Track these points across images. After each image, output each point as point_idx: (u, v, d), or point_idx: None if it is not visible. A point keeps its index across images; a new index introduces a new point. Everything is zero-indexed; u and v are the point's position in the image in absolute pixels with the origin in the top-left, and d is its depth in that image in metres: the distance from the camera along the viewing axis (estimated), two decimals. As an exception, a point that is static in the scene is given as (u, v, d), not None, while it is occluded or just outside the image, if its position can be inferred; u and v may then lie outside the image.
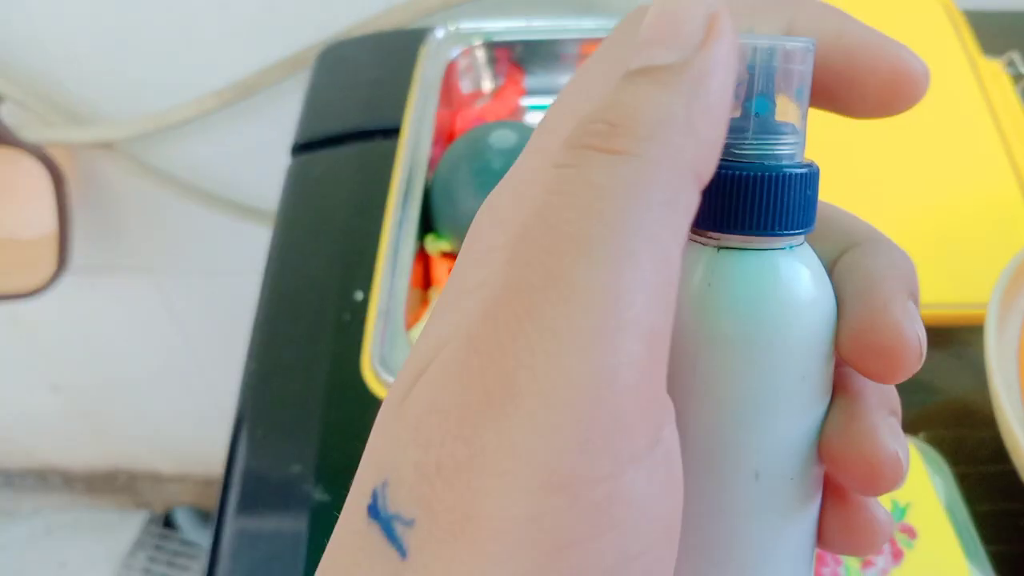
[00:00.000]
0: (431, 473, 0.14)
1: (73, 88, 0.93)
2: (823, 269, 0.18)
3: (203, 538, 1.47)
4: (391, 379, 0.40)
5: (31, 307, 0.97)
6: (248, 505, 0.46)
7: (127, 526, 1.54)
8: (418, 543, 0.14)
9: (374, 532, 0.15)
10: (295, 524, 0.44)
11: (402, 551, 0.15)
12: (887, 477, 0.17)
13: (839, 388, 0.18)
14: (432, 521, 0.14)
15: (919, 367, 0.17)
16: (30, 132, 0.90)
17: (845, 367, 0.18)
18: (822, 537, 0.18)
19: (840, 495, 0.18)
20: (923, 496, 0.37)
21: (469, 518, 0.14)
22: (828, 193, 0.59)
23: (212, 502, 0.49)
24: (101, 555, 1.49)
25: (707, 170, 0.15)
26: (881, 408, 0.17)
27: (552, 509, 0.13)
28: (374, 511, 0.15)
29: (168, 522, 1.55)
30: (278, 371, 0.51)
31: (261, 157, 0.81)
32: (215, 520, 0.46)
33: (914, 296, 0.17)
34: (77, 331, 1.24)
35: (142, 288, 1.15)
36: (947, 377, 0.48)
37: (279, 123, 0.70)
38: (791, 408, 0.17)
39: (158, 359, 1.27)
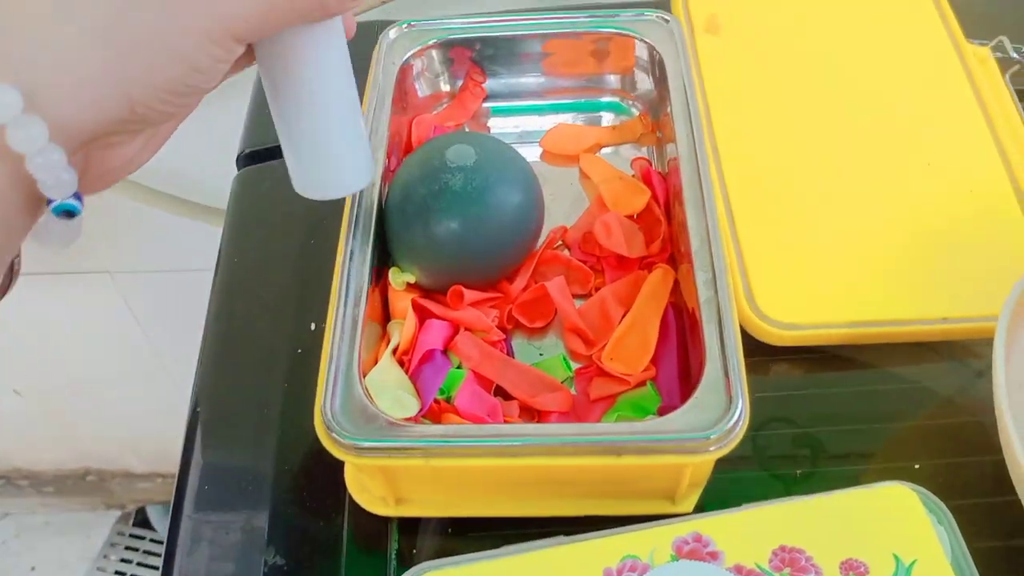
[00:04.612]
0: None
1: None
2: None
3: (177, 537, 1.44)
4: (342, 439, 0.36)
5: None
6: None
7: (99, 526, 1.51)
8: None
9: None
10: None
11: None
12: None
13: None
14: None
15: None
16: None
17: None
18: None
19: None
20: (928, 552, 0.34)
21: None
22: (813, 196, 0.55)
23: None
24: (73, 556, 1.46)
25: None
26: None
27: None
28: None
29: (141, 520, 1.52)
30: (226, 418, 0.47)
31: (211, 154, 0.77)
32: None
33: None
34: (36, 334, 1.20)
35: (101, 289, 1.11)
36: (946, 401, 0.45)
37: (229, 117, 0.66)
38: None
39: (121, 358, 1.23)
